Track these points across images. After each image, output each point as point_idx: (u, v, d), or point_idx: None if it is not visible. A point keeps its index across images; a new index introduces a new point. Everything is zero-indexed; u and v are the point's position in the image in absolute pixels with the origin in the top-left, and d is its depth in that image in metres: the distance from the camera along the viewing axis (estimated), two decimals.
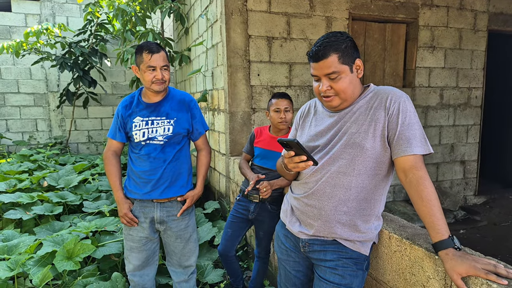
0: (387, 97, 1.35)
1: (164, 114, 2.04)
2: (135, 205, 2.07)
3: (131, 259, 2.11)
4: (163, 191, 2.04)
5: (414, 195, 1.25)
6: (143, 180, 2.03)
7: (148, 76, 1.95)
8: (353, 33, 4.19)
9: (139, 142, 2.02)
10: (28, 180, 4.39)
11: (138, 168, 2.04)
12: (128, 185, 2.09)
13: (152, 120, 2.03)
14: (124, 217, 2.03)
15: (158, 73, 1.95)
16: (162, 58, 1.96)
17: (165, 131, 2.02)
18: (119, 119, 2.06)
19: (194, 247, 2.21)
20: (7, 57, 7.22)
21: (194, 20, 4.91)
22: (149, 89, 2.00)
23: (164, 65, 1.97)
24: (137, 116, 2.03)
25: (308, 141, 1.52)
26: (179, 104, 2.10)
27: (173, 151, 2.06)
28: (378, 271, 1.59)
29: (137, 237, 2.07)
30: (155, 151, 2.02)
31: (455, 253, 1.13)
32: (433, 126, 4.69)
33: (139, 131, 2.01)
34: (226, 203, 3.85)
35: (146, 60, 1.93)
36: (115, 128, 2.08)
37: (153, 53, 1.93)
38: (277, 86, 3.80)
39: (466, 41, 4.66)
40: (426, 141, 1.31)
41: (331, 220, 1.40)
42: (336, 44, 1.33)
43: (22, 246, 2.66)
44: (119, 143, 2.10)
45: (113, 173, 2.07)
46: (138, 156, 2.04)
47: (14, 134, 7.46)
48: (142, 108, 2.05)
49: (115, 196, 2.07)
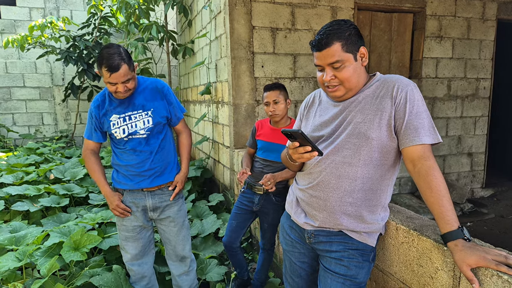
0: (393, 86, 1.32)
1: (140, 106, 2.02)
2: (125, 196, 2.09)
3: (127, 249, 2.13)
4: (153, 180, 2.06)
5: (423, 185, 1.22)
6: (132, 173, 2.04)
7: (110, 87, 1.90)
8: (359, 23, 4.13)
9: (121, 139, 2.02)
10: (35, 173, 4.42)
11: (125, 162, 2.04)
12: (116, 177, 2.10)
13: (129, 115, 2.00)
14: (116, 208, 2.05)
15: (119, 87, 1.87)
16: (122, 74, 1.83)
17: (145, 124, 2.01)
18: (93, 120, 2.04)
19: (187, 234, 2.24)
20: (12, 51, 7.24)
21: (198, 12, 4.87)
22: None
23: (126, 79, 1.87)
24: (113, 114, 2.00)
25: (312, 131, 1.49)
26: (152, 93, 2.06)
27: (158, 142, 2.07)
28: (385, 263, 1.57)
29: (131, 226, 2.10)
30: (140, 144, 2.02)
31: (465, 244, 1.11)
32: (440, 118, 4.63)
33: (118, 129, 1.99)
34: (230, 195, 3.84)
35: (105, 76, 1.84)
36: (90, 129, 2.07)
37: (112, 72, 1.81)
38: (281, 78, 3.77)
39: (475, 31, 4.57)
40: (435, 129, 1.28)
41: (336, 211, 1.38)
42: (339, 32, 1.30)
43: (30, 237, 2.69)
44: (96, 143, 2.09)
45: (95, 170, 2.07)
46: (123, 151, 2.04)
47: (21, 128, 7.51)
48: (116, 106, 2.01)
49: (103, 191, 2.08)
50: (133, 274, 2.18)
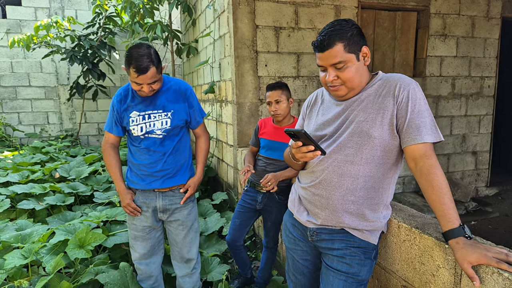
0: (396, 85, 1.33)
1: (161, 107, 2.02)
2: (137, 195, 2.09)
3: (136, 248, 2.14)
4: (164, 181, 2.06)
5: (425, 183, 1.23)
6: (144, 172, 2.04)
7: (135, 86, 1.91)
8: (363, 22, 4.12)
9: (138, 136, 2.02)
10: (41, 172, 4.47)
11: (138, 161, 2.05)
12: (130, 176, 2.11)
13: (149, 114, 2.01)
14: (127, 207, 2.05)
15: (145, 87, 1.88)
16: (149, 76, 1.84)
17: (162, 124, 2.00)
18: (114, 113, 2.05)
19: (194, 237, 2.22)
20: (18, 51, 7.30)
21: (202, 11, 4.89)
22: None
23: (153, 82, 1.88)
24: (134, 111, 2.01)
25: (315, 130, 1.50)
26: (175, 94, 2.06)
27: (172, 144, 2.06)
28: (387, 261, 1.58)
29: (141, 226, 2.10)
30: (155, 144, 2.02)
31: (466, 241, 1.12)
32: (444, 116, 4.62)
33: (136, 126, 2.00)
34: (234, 194, 3.86)
35: (133, 76, 1.84)
36: (111, 122, 2.07)
37: (139, 74, 1.81)
38: (285, 77, 3.77)
39: (479, 29, 4.55)
40: (437, 128, 1.29)
41: (338, 209, 1.39)
42: (341, 32, 1.31)
43: (35, 235, 2.72)
44: (116, 137, 2.10)
45: (113, 165, 2.08)
46: (138, 149, 2.04)
47: (26, 127, 7.57)
48: (138, 102, 2.02)
49: (117, 187, 2.09)
50: (141, 273, 2.18)
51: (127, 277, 2.27)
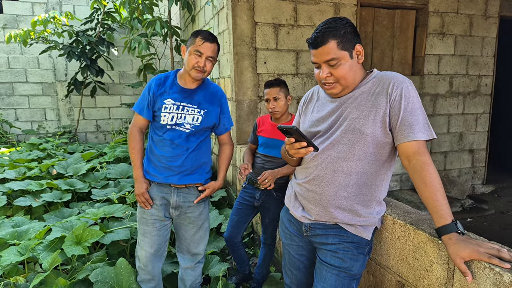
0: (389, 83, 1.34)
1: (196, 103, 2.01)
2: (152, 187, 2.06)
3: (143, 245, 2.09)
4: (182, 178, 2.03)
5: (418, 180, 1.24)
6: (163, 165, 2.01)
7: (192, 60, 1.91)
8: (362, 20, 4.13)
9: (165, 125, 1.98)
10: (38, 168, 4.45)
11: (159, 152, 2.01)
12: (147, 168, 2.07)
13: (184, 106, 1.99)
14: (140, 196, 2.01)
15: (201, 61, 1.91)
16: (212, 49, 1.93)
17: (193, 120, 1.99)
18: (150, 95, 2.00)
19: (204, 235, 2.21)
20: (15, 46, 7.26)
21: (201, 7, 4.88)
22: (188, 73, 1.96)
23: (211, 56, 1.94)
24: (169, 98, 1.98)
25: (310, 127, 1.52)
26: (211, 96, 2.08)
27: (197, 141, 2.04)
28: (382, 256, 1.60)
29: (151, 220, 2.05)
30: (180, 138, 1.99)
31: (458, 237, 1.13)
32: (442, 115, 4.63)
33: (168, 113, 1.96)
34: (232, 191, 3.87)
35: (197, 43, 1.90)
36: (143, 104, 2.01)
37: (206, 40, 1.90)
38: (284, 74, 3.78)
39: (477, 28, 4.56)
40: (429, 126, 1.30)
41: (331, 205, 1.41)
42: (335, 30, 1.32)
43: (32, 232, 2.71)
44: (146, 120, 2.04)
45: (136, 150, 2.03)
46: (161, 139, 2.00)
47: (23, 123, 7.54)
48: (176, 91, 2.00)
49: (135, 173, 2.04)
50: (144, 273, 2.14)
51: (122, 275, 2.20)
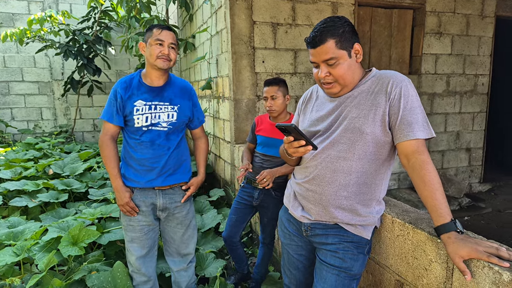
0: (388, 82, 1.34)
1: (168, 99, 1.98)
2: (135, 194, 1.98)
3: (133, 251, 2.05)
4: (166, 179, 1.99)
5: (417, 179, 1.24)
6: (146, 168, 1.95)
7: (155, 50, 1.88)
8: (359, 19, 4.13)
9: (140, 128, 1.92)
10: (34, 168, 4.43)
11: (139, 155, 1.94)
12: (126, 174, 1.99)
13: (156, 105, 1.94)
14: (124, 206, 1.94)
15: (165, 49, 1.88)
16: (171, 36, 1.92)
17: (169, 117, 1.96)
18: (117, 101, 1.92)
19: (193, 234, 2.19)
20: (11, 45, 7.21)
21: (199, 6, 4.87)
22: (153, 65, 1.90)
23: (172, 42, 1.92)
24: (139, 100, 1.92)
25: (309, 126, 1.51)
26: (181, 91, 2.05)
27: (177, 139, 2.03)
28: (381, 256, 1.60)
29: (139, 226, 2.00)
30: (159, 137, 1.95)
31: (457, 236, 1.13)
32: (439, 114, 4.65)
33: (141, 115, 1.91)
34: (231, 190, 3.87)
35: (155, 33, 1.89)
36: (111, 111, 1.93)
37: (163, 29, 1.90)
38: (282, 73, 3.78)
39: (474, 27, 4.58)
40: (428, 125, 1.30)
41: (331, 205, 1.40)
42: (333, 29, 1.32)
43: (28, 232, 2.68)
44: (117, 127, 1.96)
45: (111, 159, 1.94)
46: (139, 142, 1.94)
47: (19, 123, 7.50)
48: (144, 91, 1.95)
49: (114, 184, 1.95)
50: (138, 276, 2.10)
51: (119, 279, 2.16)
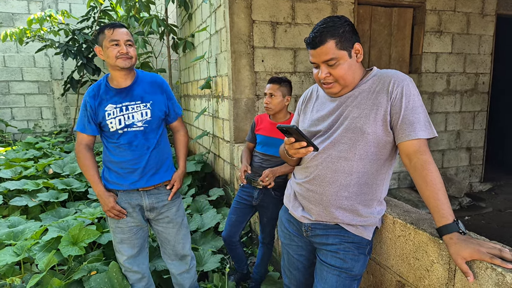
0: (389, 81, 1.32)
1: (139, 98, 1.93)
2: (119, 197, 1.97)
3: (123, 251, 2.03)
4: (149, 179, 1.96)
5: (419, 179, 1.23)
6: (127, 171, 1.93)
7: (112, 51, 1.82)
8: (359, 18, 4.11)
9: (116, 131, 1.89)
10: (34, 168, 4.42)
11: (119, 159, 1.92)
12: (108, 177, 1.97)
13: (126, 105, 1.90)
14: (111, 210, 1.92)
15: (122, 48, 1.82)
16: (125, 33, 1.85)
17: (143, 116, 1.92)
18: (87, 111, 1.90)
19: (186, 233, 2.16)
20: (11, 45, 7.21)
21: (198, 5, 4.85)
22: (115, 66, 1.85)
23: (128, 39, 1.85)
24: (109, 104, 1.89)
25: (310, 126, 1.50)
26: (151, 86, 1.99)
27: (156, 137, 1.98)
28: (381, 256, 1.59)
29: (127, 228, 1.98)
30: (136, 138, 1.91)
31: (460, 237, 1.12)
32: (439, 113, 4.63)
33: (114, 119, 1.88)
34: (230, 190, 3.86)
35: (108, 35, 1.82)
36: (83, 121, 1.93)
37: (115, 27, 1.83)
38: (281, 72, 3.76)
39: (474, 26, 4.56)
40: (430, 124, 1.29)
41: (332, 205, 1.39)
42: (333, 29, 1.30)
43: (28, 232, 2.69)
44: (91, 136, 1.96)
45: (89, 167, 1.93)
46: (117, 146, 1.92)
47: (19, 122, 7.50)
48: (113, 95, 1.91)
49: (96, 190, 1.94)
50: (132, 274, 2.09)
51: (116, 278, 2.15)
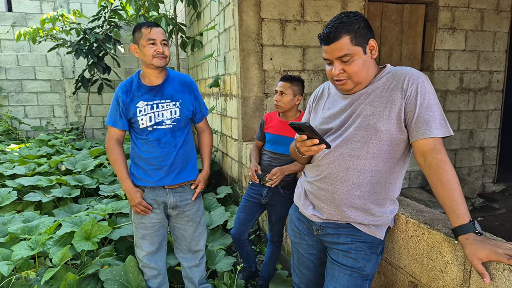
0: (404, 78, 1.30)
1: (169, 96, 1.98)
2: (146, 193, 2.01)
3: (144, 247, 2.08)
4: (175, 177, 2.01)
5: (434, 179, 1.21)
6: (154, 167, 1.97)
7: (149, 50, 1.87)
8: (369, 15, 4.07)
9: (145, 128, 1.94)
10: (47, 164, 4.49)
11: (147, 155, 1.96)
12: (136, 173, 2.02)
13: (157, 103, 1.95)
14: (138, 206, 1.97)
15: (158, 47, 1.88)
16: (161, 32, 1.91)
17: (172, 114, 1.96)
18: (119, 106, 1.96)
19: (203, 230, 2.21)
20: (24, 44, 7.31)
21: (206, 4, 4.85)
22: (150, 65, 1.91)
23: (164, 39, 1.91)
24: (140, 101, 1.94)
25: (321, 124, 1.48)
26: (181, 85, 2.04)
27: (183, 135, 2.03)
28: (394, 256, 1.56)
29: (150, 224, 2.04)
30: (165, 136, 1.96)
31: (476, 237, 1.10)
32: (452, 111, 4.56)
33: (145, 116, 1.93)
34: (238, 188, 3.86)
35: (145, 33, 1.88)
36: (115, 116, 1.97)
37: (152, 27, 1.89)
38: (290, 70, 3.74)
39: (488, 22, 4.47)
40: (446, 122, 1.26)
41: (344, 204, 1.37)
42: (348, 25, 1.28)
43: (42, 227, 2.74)
44: (121, 131, 2.00)
45: (119, 162, 1.97)
46: (146, 142, 1.96)
47: (32, 120, 7.61)
48: (144, 92, 1.96)
49: (124, 186, 1.98)
50: (148, 270, 2.14)
51: (131, 273, 2.20)
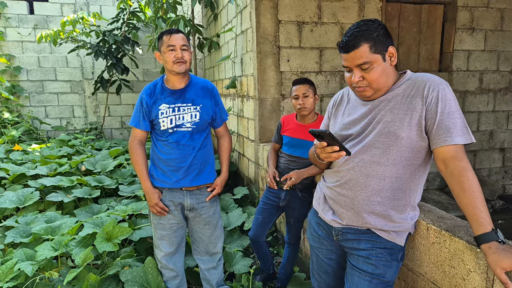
0: (424, 85, 1.30)
1: (190, 100, 2.05)
2: (164, 194, 2.07)
3: (162, 247, 2.13)
4: (193, 179, 2.05)
5: (456, 186, 1.21)
6: (172, 168, 2.03)
7: (169, 56, 1.95)
8: (387, 16, 4.03)
9: (166, 130, 2.00)
10: (68, 165, 4.59)
11: (166, 156, 2.02)
12: (155, 174, 2.08)
13: (179, 106, 2.02)
14: (155, 207, 2.03)
15: (178, 52, 1.95)
16: (181, 38, 1.97)
17: (192, 117, 2.02)
18: (143, 107, 2.03)
19: (220, 233, 2.24)
20: (45, 46, 7.50)
21: (223, 6, 4.89)
22: (171, 71, 1.98)
23: (184, 44, 1.97)
24: (163, 103, 2.01)
25: (341, 130, 1.49)
26: (202, 90, 2.10)
27: (201, 138, 2.07)
28: (414, 262, 1.56)
29: (168, 224, 2.09)
30: (184, 138, 2.02)
31: (499, 246, 1.10)
32: (471, 112, 4.48)
33: (166, 118, 1.99)
34: (255, 189, 3.88)
35: (166, 40, 1.96)
36: (138, 117, 2.05)
37: (171, 33, 1.96)
38: (307, 72, 3.74)
39: (508, 22, 4.37)
40: (468, 129, 1.26)
41: (364, 210, 1.38)
42: (367, 33, 1.28)
43: (64, 228, 2.80)
44: (144, 132, 2.07)
45: (140, 163, 2.04)
46: (166, 144, 2.03)
47: (53, 120, 7.80)
48: (167, 95, 2.03)
49: (144, 186, 2.05)
50: (167, 272, 2.18)
51: (151, 274, 2.24)
